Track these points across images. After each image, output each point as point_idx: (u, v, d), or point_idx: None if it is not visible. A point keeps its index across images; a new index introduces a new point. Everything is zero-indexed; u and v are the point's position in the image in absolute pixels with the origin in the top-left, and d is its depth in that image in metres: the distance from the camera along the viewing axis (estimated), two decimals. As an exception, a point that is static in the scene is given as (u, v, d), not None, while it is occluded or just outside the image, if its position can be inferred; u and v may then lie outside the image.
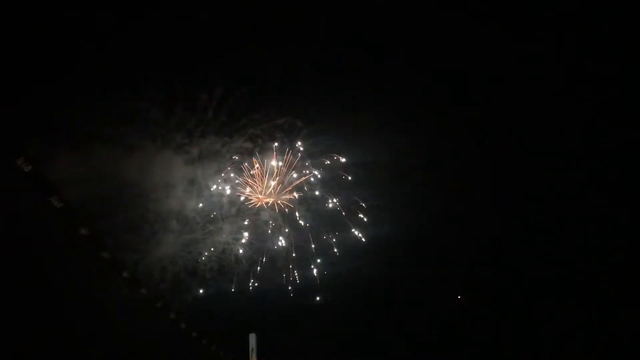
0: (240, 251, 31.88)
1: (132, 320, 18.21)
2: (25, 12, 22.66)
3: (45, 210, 11.66)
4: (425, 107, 31.00)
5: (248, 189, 32.55)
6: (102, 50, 25.47)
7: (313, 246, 32.81)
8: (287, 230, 32.40)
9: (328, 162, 32.58)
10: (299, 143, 32.26)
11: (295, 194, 32.75)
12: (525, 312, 31.17)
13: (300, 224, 32.74)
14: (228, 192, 32.54)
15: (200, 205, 31.01)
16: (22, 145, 11.74)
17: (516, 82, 29.49)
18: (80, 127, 26.04)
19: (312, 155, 32.84)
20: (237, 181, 32.69)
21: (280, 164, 32.62)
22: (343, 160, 32.54)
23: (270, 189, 32.94)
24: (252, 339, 21.30)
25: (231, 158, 31.98)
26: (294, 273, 32.34)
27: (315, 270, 32.59)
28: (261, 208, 32.91)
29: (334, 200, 32.56)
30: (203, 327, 23.66)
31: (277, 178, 32.81)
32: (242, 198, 32.52)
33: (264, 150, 32.50)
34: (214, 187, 32.04)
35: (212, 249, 31.47)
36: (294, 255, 32.52)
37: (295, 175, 33.14)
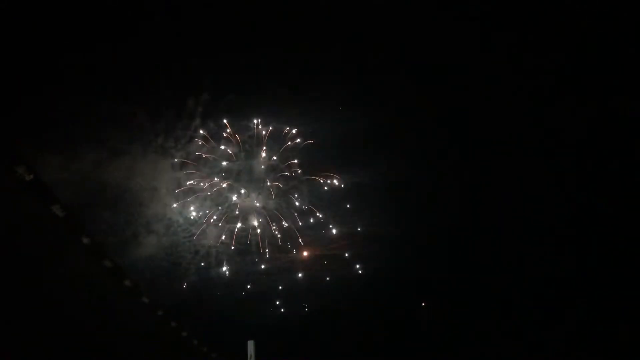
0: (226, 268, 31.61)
1: (131, 327, 18.08)
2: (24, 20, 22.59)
3: (47, 219, 11.57)
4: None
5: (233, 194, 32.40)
6: (100, 59, 25.46)
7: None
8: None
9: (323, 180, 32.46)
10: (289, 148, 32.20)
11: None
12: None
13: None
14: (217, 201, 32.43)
15: (193, 209, 30.85)
16: (22, 153, 11.67)
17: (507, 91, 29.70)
18: (76, 133, 26.01)
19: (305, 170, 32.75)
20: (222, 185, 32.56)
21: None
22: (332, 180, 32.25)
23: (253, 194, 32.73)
24: (251, 345, 21.26)
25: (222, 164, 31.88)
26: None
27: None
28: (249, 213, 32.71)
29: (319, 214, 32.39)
30: (203, 334, 23.56)
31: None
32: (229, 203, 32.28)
33: (251, 155, 32.43)
34: (207, 193, 31.95)
35: (208, 254, 31.30)
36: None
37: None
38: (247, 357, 21.33)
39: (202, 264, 31.23)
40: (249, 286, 31.58)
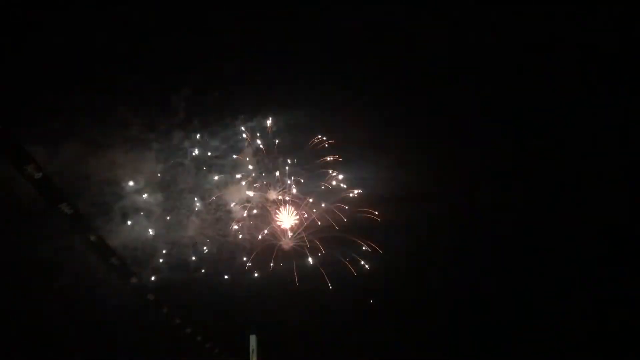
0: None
1: (138, 325, 18.26)
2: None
3: (56, 217, 11.69)
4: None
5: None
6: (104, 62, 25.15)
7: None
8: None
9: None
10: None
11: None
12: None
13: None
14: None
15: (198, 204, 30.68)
16: (31, 152, 11.78)
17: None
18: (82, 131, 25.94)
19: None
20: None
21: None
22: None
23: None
24: (253, 340, 21.44)
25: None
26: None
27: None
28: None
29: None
30: (206, 330, 23.71)
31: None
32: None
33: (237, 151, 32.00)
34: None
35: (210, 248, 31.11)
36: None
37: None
38: (249, 351, 21.48)
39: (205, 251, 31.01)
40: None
